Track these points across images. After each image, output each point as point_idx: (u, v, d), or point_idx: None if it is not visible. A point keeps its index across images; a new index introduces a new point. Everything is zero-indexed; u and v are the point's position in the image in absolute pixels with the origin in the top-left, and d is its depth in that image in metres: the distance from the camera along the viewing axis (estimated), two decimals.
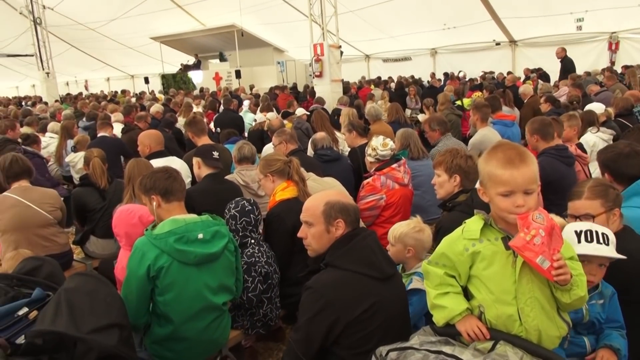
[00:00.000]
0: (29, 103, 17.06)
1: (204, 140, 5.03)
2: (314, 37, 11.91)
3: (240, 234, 2.88)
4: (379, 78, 17.28)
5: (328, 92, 11.31)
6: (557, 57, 12.41)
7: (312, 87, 12.78)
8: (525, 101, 8.48)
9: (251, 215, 2.92)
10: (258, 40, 20.18)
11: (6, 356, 1.75)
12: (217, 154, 3.75)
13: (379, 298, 1.86)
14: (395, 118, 7.27)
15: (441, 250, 1.79)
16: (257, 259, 2.84)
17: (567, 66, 12.04)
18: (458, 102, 9.09)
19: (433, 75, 17.10)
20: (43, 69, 17.04)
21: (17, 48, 21.03)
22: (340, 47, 12.52)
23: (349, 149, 6.30)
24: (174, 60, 22.91)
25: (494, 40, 16.62)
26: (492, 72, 15.65)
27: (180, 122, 8.63)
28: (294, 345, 1.87)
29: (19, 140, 6.50)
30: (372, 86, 15.08)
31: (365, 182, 3.93)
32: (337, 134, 6.55)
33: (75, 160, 6.57)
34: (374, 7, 15.43)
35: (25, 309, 2.03)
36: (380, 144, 3.97)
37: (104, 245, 4.10)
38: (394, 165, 3.83)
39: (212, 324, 2.51)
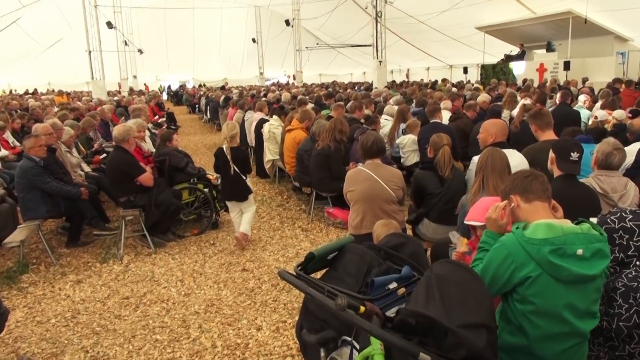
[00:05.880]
0: (362, 88, 19.30)
1: (548, 134, 4.55)
2: None
3: (630, 252, 2.39)
4: None
5: None
6: None
7: None
8: None
9: None
10: (597, 28, 17.68)
11: (382, 325, 1.82)
12: (577, 155, 3.27)
13: None
14: None
15: None
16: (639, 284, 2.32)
17: None
18: None
19: None
20: (377, 58, 18.99)
21: (356, 40, 24.09)
22: None
23: None
24: (495, 51, 22.32)
25: None
26: None
27: (505, 114, 8.25)
28: None
29: (362, 120, 7.27)
30: None
31: None
32: None
33: (404, 142, 6.98)
34: None
35: (395, 284, 2.11)
36: None
37: (435, 229, 4.16)
38: None
39: (571, 349, 2.16)
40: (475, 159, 3.75)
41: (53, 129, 6.16)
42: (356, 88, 19.78)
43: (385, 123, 7.69)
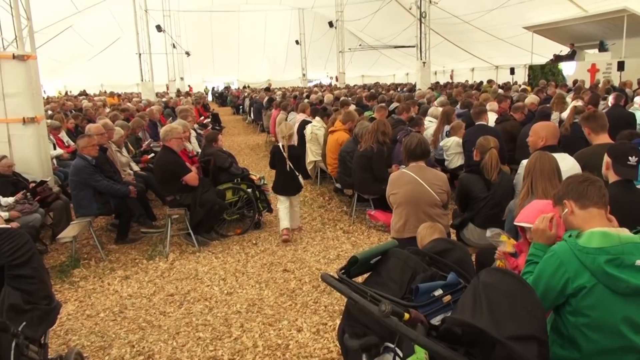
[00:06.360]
0: (405, 89, 19.10)
1: (603, 138, 4.36)
2: None
3: None
4: None
5: None
6: None
7: None
8: None
9: None
10: None
11: (426, 333, 1.78)
12: (635, 159, 3.11)
13: None
14: None
15: None
16: None
17: None
18: None
19: None
20: (421, 59, 18.72)
21: (399, 41, 23.83)
22: None
23: None
24: (544, 51, 21.57)
25: None
26: None
27: (554, 116, 7.97)
28: None
29: (406, 121, 7.18)
30: None
31: None
32: None
33: (448, 144, 6.84)
34: None
35: (440, 291, 2.05)
36: None
37: (480, 235, 4.06)
38: None
39: None
40: (525, 162, 3.63)
41: (105, 129, 6.40)
42: (399, 89, 19.59)
43: (429, 125, 7.57)
